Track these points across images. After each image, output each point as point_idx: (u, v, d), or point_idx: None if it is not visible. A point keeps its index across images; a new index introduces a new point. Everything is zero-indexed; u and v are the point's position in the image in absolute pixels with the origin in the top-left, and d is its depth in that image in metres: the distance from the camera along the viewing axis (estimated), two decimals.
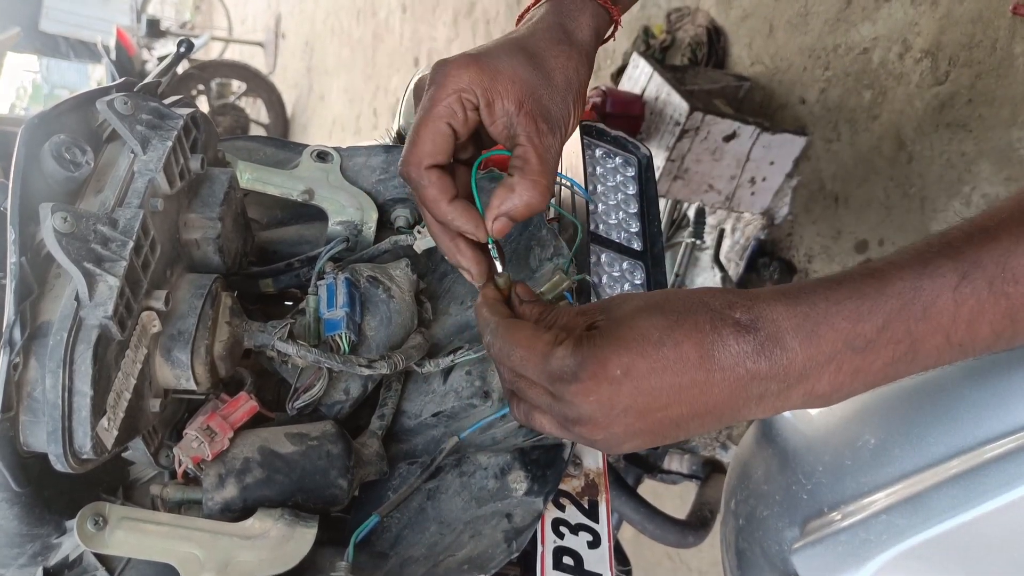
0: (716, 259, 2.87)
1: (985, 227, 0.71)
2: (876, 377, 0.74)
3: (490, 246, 0.90)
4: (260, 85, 10.11)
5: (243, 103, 10.46)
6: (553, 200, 1.32)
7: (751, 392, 0.74)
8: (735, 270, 3.14)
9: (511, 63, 0.89)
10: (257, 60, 12.39)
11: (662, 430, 0.78)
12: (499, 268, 0.91)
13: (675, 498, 2.83)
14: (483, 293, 0.91)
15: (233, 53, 13.29)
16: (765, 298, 0.75)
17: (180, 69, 8.70)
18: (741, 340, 0.73)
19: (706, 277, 2.86)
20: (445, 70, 0.89)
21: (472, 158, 0.95)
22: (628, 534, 2.27)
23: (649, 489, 2.08)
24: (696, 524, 1.81)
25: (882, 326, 0.71)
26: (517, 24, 0.99)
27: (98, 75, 22.39)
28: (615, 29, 1.02)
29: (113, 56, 9.54)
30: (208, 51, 12.97)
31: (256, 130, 10.32)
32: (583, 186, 1.22)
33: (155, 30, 10.89)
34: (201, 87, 9.76)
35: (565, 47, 0.94)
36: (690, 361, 0.74)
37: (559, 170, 1.21)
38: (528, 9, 1.00)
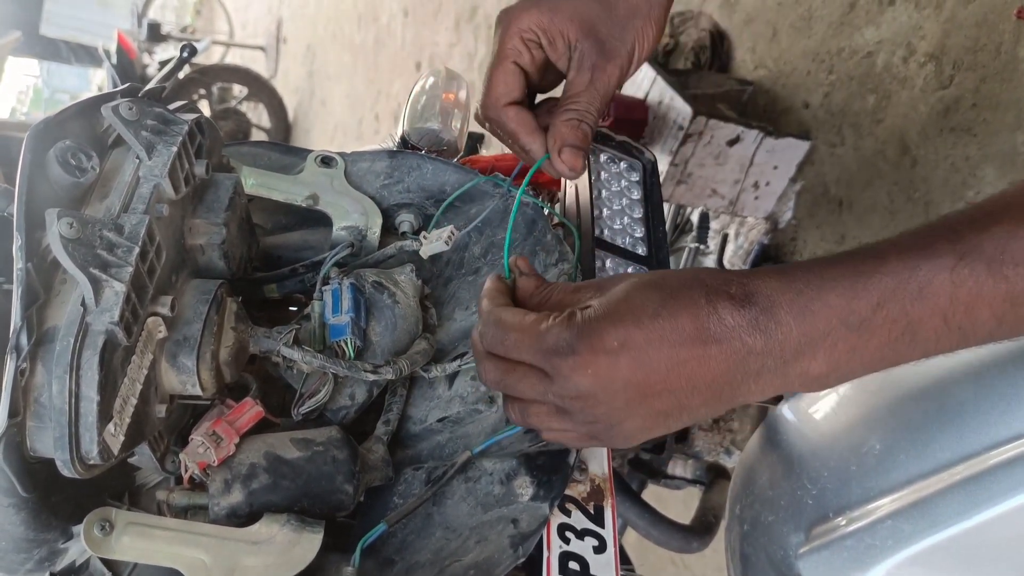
0: (720, 264, 2.87)
1: (987, 211, 0.71)
2: (873, 358, 0.73)
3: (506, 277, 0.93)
4: (262, 90, 10.12)
5: (245, 108, 10.48)
6: (557, 207, 1.33)
7: (748, 368, 0.74)
8: None
9: (571, 1, 0.95)
10: (258, 65, 12.40)
11: (664, 407, 0.77)
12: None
13: (679, 503, 2.83)
14: (487, 285, 0.90)
15: (234, 57, 13.32)
16: (760, 275, 0.76)
17: (181, 74, 8.72)
18: (736, 314, 0.73)
19: None
20: (508, 15, 0.95)
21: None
22: (632, 538, 2.27)
23: (653, 494, 2.08)
24: (700, 529, 1.81)
25: (877, 304, 0.71)
26: None
27: (99, 79, 22.43)
28: None
29: (114, 60, 9.54)
30: (209, 56, 12.99)
31: (258, 135, 10.33)
32: (588, 190, 1.22)
33: (156, 34, 10.89)
34: (202, 91, 9.78)
35: None
36: (686, 333, 0.74)
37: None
38: None
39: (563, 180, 1.33)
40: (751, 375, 0.75)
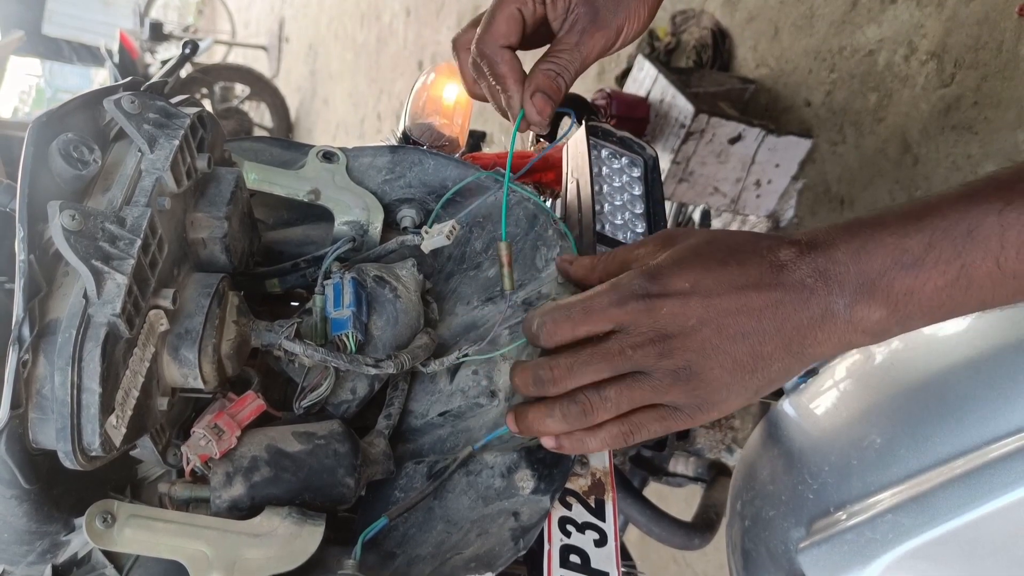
0: None
1: None
2: (931, 304, 0.75)
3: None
4: (264, 89, 10.14)
5: (247, 107, 10.49)
6: (559, 201, 1.33)
7: (813, 312, 0.77)
8: None
9: None
10: (260, 64, 12.42)
11: (741, 356, 0.79)
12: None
13: (680, 501, 2.83)
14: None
15: (236, 57, 13.34)
16: (816, 227, 0.80)
17: (183, 73, 8.73)
18: (797, 257, 0.77)
19: None
20: None
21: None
22: (634, 536, 2.27)
23: (655, 492, 2.08)
24: (702, 526, 1.81)
25: (929, 244, 0.74)
26: None
27: (101, 79, 22.43)
28: None
29: (116, 59, 9.56)
30: (211, 55, 13.00)
31: (260, 134, 10.32)
32: (590, 185, 1.22)
33: (158, 34, 10.91)
34: (205, 91, 9.79)
35: None
36: (751, 277, 0.78)
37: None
38: None
39: (564, 176, 1.33)
40: (816, 321, 0.77)
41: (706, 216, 2.75)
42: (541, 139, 1.56)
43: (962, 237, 0.73)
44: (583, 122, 1.31)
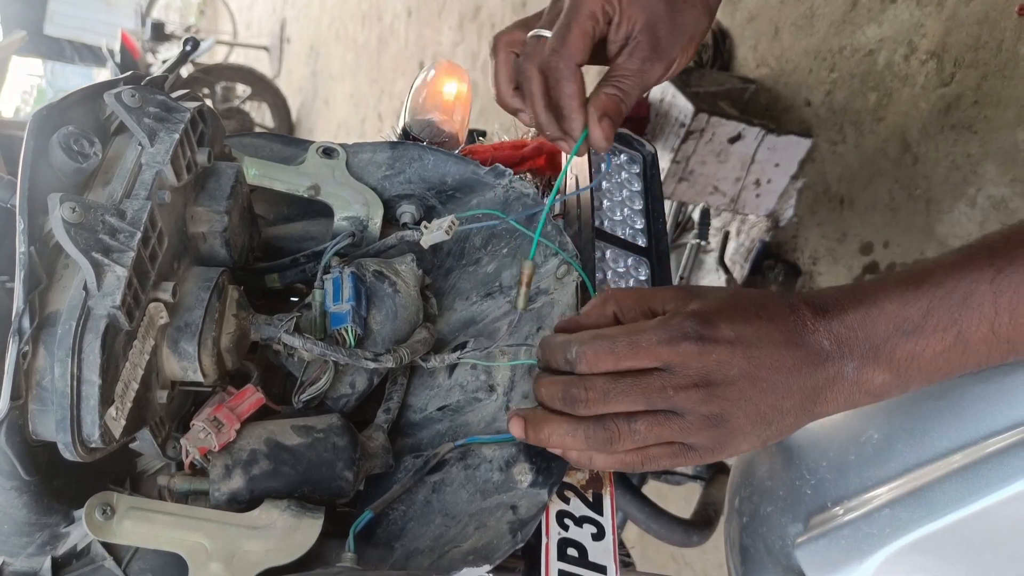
0: (721, 261, 2.87)
1: (1020, 230, 0.77)
2: (930, 367, 0.79)
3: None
4: (265, 89, 10.13)
5: (248, 107, 10.48)
6: (559, 198, 1.33)
7: (827, 372, 0.80)
8: (740, 272, 3.14)
9: None
10: (262, 64, 12.40)
11: (765, 408, 0.82)
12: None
13: (680, 499, 2.83)
14: (558, 325, 0.95)
15: (238, 57, 13.32)
16: (826, 289, 0.83)
17: (185, 72, 8.73)
18: (815, 320, 0.80)
19: (711, 279, 2.87)
20: None
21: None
22: (633, 534, 2.27)
23: (653, 490, 2.08)
24: (700, 523, 1.81)
25: (927, 311, 0.77)
26: None
27: (103, 79, 22.35)
28: None
29: (118, 59, 9.55)
30: (213, 55, 12.99)
31: None
32: (589, 181, 1.22)
33: (160, 34, 10.91)
34: (206, 91, 9.78)
35: None
36: (782, 335, 0.80)
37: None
38: None
39: (563, 171, 1.33)
40: (828, 382, 0.81)
41: (705, 215, 2.75)
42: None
43: (958, 304, 0.76)
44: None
